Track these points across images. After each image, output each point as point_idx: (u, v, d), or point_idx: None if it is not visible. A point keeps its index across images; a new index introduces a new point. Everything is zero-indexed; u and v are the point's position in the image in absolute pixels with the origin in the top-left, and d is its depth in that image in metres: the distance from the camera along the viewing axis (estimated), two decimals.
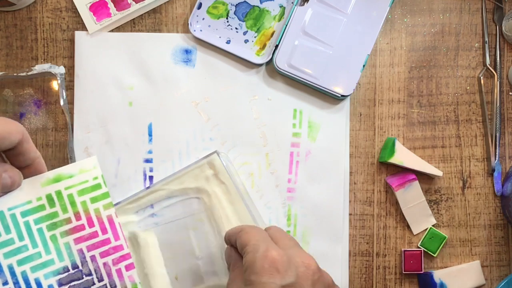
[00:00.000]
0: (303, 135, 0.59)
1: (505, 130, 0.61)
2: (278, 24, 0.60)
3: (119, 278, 0.46)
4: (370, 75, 0.60)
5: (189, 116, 0.59)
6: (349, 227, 0.60)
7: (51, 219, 0.45)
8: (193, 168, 0.56)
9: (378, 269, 0.60)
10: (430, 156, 0.60)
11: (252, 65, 0.59)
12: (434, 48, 0.61)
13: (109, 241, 0.46)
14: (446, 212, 0.60)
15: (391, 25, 0.61)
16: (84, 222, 0.46)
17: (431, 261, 0.60)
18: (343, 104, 0.60)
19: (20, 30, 0.59)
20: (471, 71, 0.61)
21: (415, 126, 0.60)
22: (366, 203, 0.60)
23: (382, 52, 0.61)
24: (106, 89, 0.59)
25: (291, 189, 0.59)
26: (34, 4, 0.59)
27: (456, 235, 0.60)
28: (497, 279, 0.60)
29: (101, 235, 0.46)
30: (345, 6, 0.58)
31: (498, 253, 0.60)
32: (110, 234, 0.46)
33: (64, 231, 0.45)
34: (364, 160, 0.60)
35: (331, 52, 0.58)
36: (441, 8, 0.61)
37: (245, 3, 0.59)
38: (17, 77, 0.58)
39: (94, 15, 0.58)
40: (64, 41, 0.59)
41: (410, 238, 0.60)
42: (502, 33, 0.61)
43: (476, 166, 0.60)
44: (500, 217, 0.61)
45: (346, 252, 0.59)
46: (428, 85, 0.61)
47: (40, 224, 0.44)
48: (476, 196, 0.60)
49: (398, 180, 0.59)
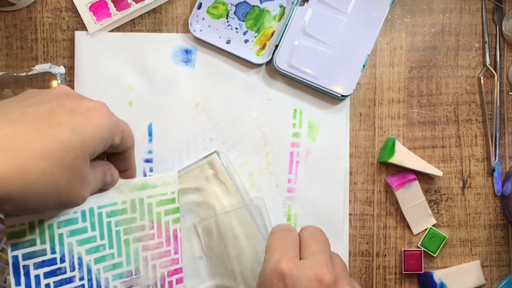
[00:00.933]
0: (303, 135, 0.59)
1: (505, 130, 0.61)
2: (278, 24, 0.60)
3: None
4: (370, 75, 0.60)
5: (189, 116, 0.59)
6: (349, 227, 0.60)
7: (129, 224, 0.47)
8: (193, 168, 0.56)
9: (378, 269, 0.60)
10: (430, 156, 0.60)
11: (252, 65, 0.59)
12: (434, 48, 0.61)
13: (169, 253, 0.49)
14: (446, 212, 0.60)
15: (391, 25, 0.61)
16: (155, 232, 0.48)
17: (431, 261, 0.60)
18: (343, 104, 0.60)
19: (20, 30, 0.59)
20: (471, 71, 0.61)
21: (415, 126, 0.60)
22: (366, 203, 0.60)
23: (382, 52, 0.61)
24: (106, 89, 0.59)
25: (291, 189, 0.59)
26: (34, 4, 0.59)
27: (456, 235, 0.60)
28: (497, 279, 0.60)
29: (165, 247, 0.49)
30: (345, 6, 0.58)
31: (498, 253, 0.60)
32: (172, 247, 0.49)
33: (137, 237, 0.47)
34: (364, 160, 0.60)
35: (331, 52, 0.58)
36: (441, 8, 0.61)
37: (245, 3, 0.59)
38: (17, 77, 0.58)
39: (94, 15, 0.58)
40: (64, 41, 0.59)
41: (410, 238, 0.60)
42: (502, 33, 0.61)
43: (476, 166, 0.60)
44: (500, 217, 0.61)
45: (346, 252, 0.59)
46: (428, 85, 0.61)
47: (119, 227, 0.46)
48: (476, 196, 0.60)
49: (398, 180, 0.59)
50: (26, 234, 0.43)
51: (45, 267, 0.43)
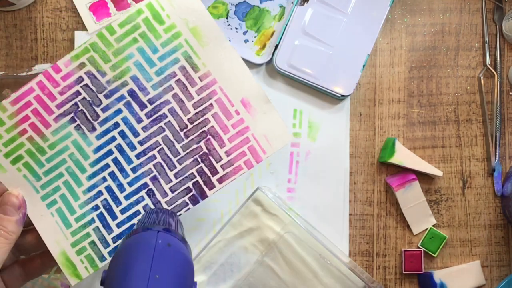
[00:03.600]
0: (303, 135, 0.59)
1: (505, 130, 0.61)
2: (278, 24, 0.60)
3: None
4: (370, 75, 0.60)
5: None
6: (349, 227, 0.60)
7: None
8: (241, 211, 0.57)
9: (378, 269, 0.60)
10: (430, 156, 0.60)
11: (252, 65, 0.59)
12: (434, 48, 0.61)
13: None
14: (446, 212, 0.60)
15: (391, 25, 0.61)
16: None
17: (431, 261, 0.60)
18: (343, 104, 0.60)
19: (20, 30, 0.59)
20: (471, 71, 0.61)
21: (415, 126, 0.60)
22: (366, 203, 0.60)
23: (382, 52, 0.61)
24: None
25: (291, 189, 0.59)
26: (34, 4, 0.59)
27: (456, 235, 0.60)
28: (497, 279, 0.60)
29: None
30: (345, 6, 0.58)
31: (498, 253, 0.60)
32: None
33: None
34: (364, 160, 0.60)
35: (331, 52, 0.58)
36: (441, 8, 0.61)
37: (245, 3, 0.59)
38: (17, 77, 0.58)
39: (94, 15, 0.58)
40: (64, 41, 0.59)
41: (410, 238, 0.60)
42: (502, 33, 0.61)
43: (476, 166, 0.60)
44: (500, 217, 0.61)
45: (346, 252, 0.59)
46: (428, 85, 0.61)
47: None
48: (476, 196, 0.60)
49: (398, 180, 0.59)
50: None
51: None
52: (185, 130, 0.48)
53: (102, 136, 0.48)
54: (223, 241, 0.57)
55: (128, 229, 0.48)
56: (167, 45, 0.47)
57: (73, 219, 0.48)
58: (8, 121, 0.47)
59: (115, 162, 0.48)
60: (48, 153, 0.47)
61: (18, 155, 0.47)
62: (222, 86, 0.48)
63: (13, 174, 0.47)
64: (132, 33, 0.47)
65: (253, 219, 0.56)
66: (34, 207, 0.47)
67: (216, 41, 0.47)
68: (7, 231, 0.43)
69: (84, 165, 0.48)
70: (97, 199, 0.48)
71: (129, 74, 0.47)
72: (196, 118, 0.48)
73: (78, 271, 0.47)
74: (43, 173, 0.47)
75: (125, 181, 0.48)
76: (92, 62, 0.47)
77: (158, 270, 0.35)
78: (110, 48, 0.47)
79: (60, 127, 0.47)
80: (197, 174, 0.48)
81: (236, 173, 0.48)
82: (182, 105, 0.48)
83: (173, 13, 0.47)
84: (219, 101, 0.48)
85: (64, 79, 0.47)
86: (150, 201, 0.48)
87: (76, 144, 0.47)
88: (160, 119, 0.48)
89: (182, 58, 0.47)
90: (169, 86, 0.48)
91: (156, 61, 0.47)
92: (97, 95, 0.47)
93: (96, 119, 0.47)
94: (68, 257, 0.47)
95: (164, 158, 0.48)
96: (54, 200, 0.48)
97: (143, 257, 0.35)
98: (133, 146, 0.48)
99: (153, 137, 0.48)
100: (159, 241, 0.36)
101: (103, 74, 0.47)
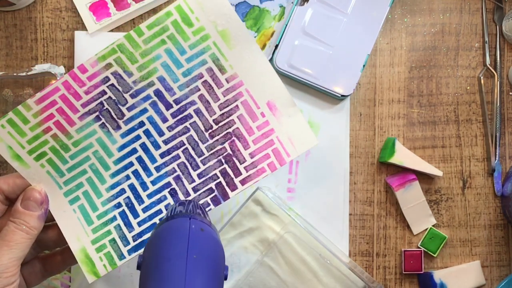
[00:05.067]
0: None
1: (505, 130, 0.61)
2: (278, 24, 0.60)
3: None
4: (370, 75, 0.60)
5: None
6: (349, 227, 0.60)
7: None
8: (241, 211, 0.57)
9: (378, 269, 0.60)
10: (430, 156, 0.60)
11: None
12: (434, 48, 0.61)
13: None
14: (446, 212, 0.60)
15: (391, 25, 0.61)
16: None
17: (431, 261, 0.60)
18: (343, 104, 0.60)
19: (20, 30, 0.59)
20: (471, 71, 0.61)
21: (415, 126, 0.60)
22: (366, 203, 0.60)
23: (382, 52, 0.61)
24: None
25: (291, 189, 0.59)
26: (34, 4, 0.59)
27: (456, 235, 0.60)
28: (497, 279, 0.60)
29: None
30: (345, 6, 0.58)
31: (498, 253, 0.60)
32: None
33: None
34: (364, 160, 0.60)
35: (331, 52, 0.58)
36: (441, 8, 0.61)
37: (245, 3, 0.59)
38: (17, 77, 0.58)
39: (94, 15, 0.58)
40: (64, 41, 0.59)
41: (410, 238, 0.60)
42: (502, 33, 0.61)
43: (476, 166, 0.60)
44: (500, 217, 0.61)
45: (346, 252, 0.59)
46: (428, 85, 0.61)
47: None
48: (476, 196, 0.60)
49: (398, 180, 0.59)
50: None
51: None
52: (210, 130, 0.48)
53: (127, 134, 0.48)
54: (223, 241, 0.57)
55: (149, 228, 0.48)
56: (195, 47, 0.47)
57: (95, 216, 0.48)
58: (32, 119, 0.46)
59: (139, 161, 0.48)
60: (72, 150, 0.47)
61: (42, 152, 0.47)
62: (248, 88, 0.48)
63: (37, 170, 0.47)
64: (160, 35, 0.47)
65: (253, 219, 0.56)
66: (56, 203, 0.47)
67: (244, 44, 0.47)
68: (29, 226, 0.44)
69: (108, 162, 0.48)
70: (120, 196, 0.48)
71: (156, 75, 0.47)
72: (221, 119, 0.48)
73: (96, 268, 0.47)
74: (66, 169, 0.47)
75: (148, 180, 0.48)
76: (119, 62, 0.47)
77: (195, 251, 0.36)
78: (138, 49, 0.47)
79: (85, 125, 0.47)
80: (220, 175, 0.48)
81: (259, 175, 0.48)
82: (208, 106, 0.48)
83: (202, 16, 0.47)
84: (245, 103, 0.48)
85: (90, 79, 0.47)
86: (172, 201, 0.48)
87: (101, 142, 0.47)
88: (185, 119, 0.48)
89: (210, 60, 0.47)
90: (196, 87, 0.48)
91: (184, 63, 0.47)
92: (123, 94, 0.47)
93: (121, 118, 0.47)
94: (87, 254, 0.47)
95: (188, 158, 0.48)
96: (77, 196, 0.47)
97: (179, 240, 0.36)
98: (157, 145, 0.48)
99: (178, 136, 0.48)
100: (193, 226, 0.38)
101: (130, 74, 0.47)
